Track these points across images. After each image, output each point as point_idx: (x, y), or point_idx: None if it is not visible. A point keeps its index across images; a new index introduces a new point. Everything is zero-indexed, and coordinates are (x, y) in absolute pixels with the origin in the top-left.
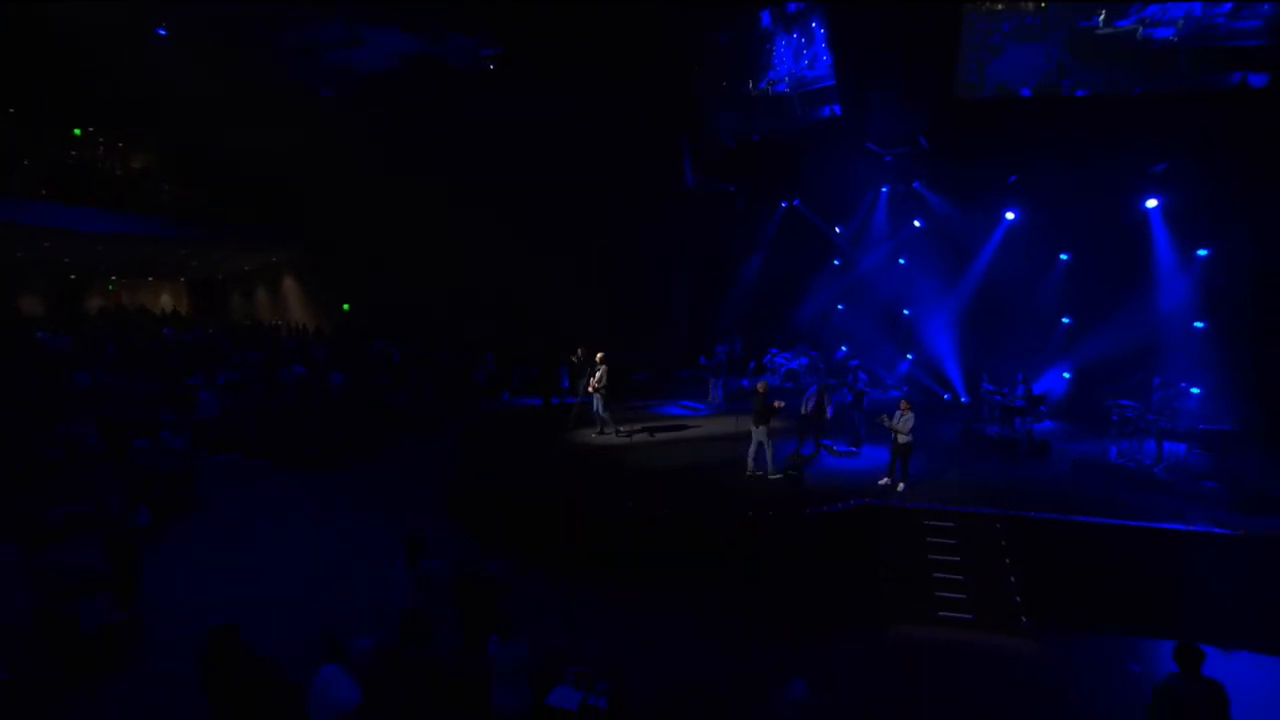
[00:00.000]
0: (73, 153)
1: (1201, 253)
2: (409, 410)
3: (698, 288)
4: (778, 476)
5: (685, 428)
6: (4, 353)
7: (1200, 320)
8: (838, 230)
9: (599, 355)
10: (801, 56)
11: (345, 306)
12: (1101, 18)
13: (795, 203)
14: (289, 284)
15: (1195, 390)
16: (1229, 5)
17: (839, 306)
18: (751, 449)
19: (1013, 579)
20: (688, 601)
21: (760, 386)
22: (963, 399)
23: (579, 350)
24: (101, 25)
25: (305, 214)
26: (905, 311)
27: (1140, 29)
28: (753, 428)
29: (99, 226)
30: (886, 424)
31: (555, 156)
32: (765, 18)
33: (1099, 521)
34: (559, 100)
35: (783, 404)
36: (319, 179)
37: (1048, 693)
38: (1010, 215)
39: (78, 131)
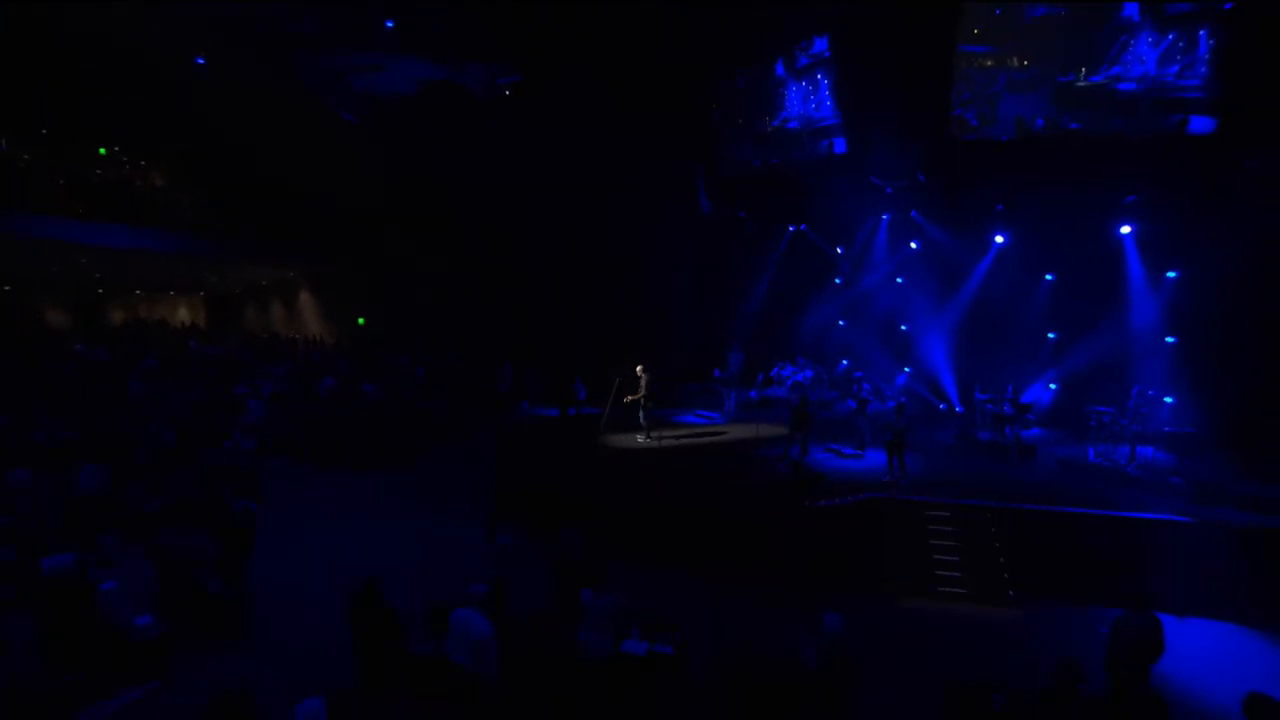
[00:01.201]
0: (98, 171)
1: (1170, 274)
2: (438, 419)
3: (705, 304)
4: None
5: (710, 434)
6: (49, 363)
7: (1171, 335)
8: (840, 251)
9: (640, 367)
10: (810, 100)
11: (360, 320)
12: (1079, 74)
13: (802, 227)
14: (304, 298)
15: (1169, 399)
16: (1175, 68)
17: (840, 322)
18: (798, 449)
19: (1001, 560)
20: (728, 578)
21: (799, 399)
22: (958, 408)
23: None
24: (133, 51)
25: (322, 228)
26: (903, 327)
27: (1109, 83)
28: (794, 432)
29: (132, 242)
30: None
31: (568, 174)
32: (779, 68)
33: (1076, 511)
34: (575, 122)
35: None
36: (335, 194)
37: (1030, 650)
38: (1000, 239)
39: (103, 151)
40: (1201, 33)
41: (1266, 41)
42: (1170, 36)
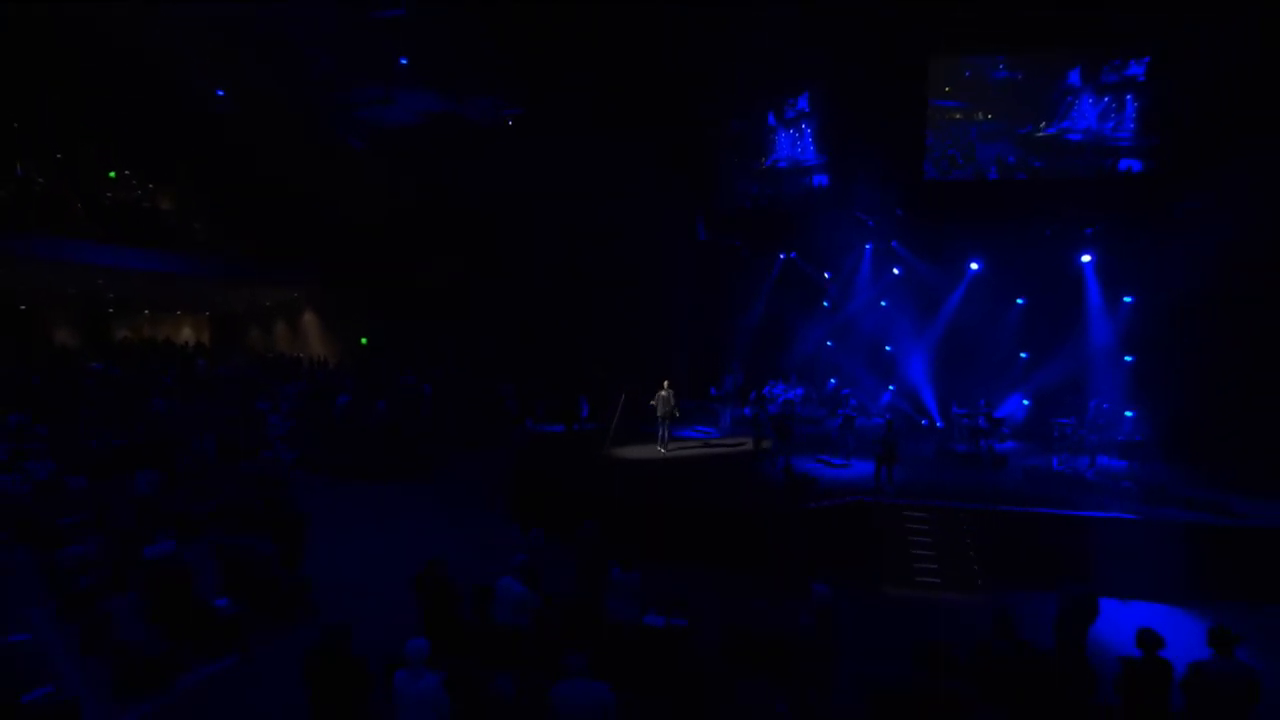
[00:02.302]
0: (108, 194)
1: (1127, 299)
2: (449, 434)
3: (703, 326)
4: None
5: (709, 446)
6: (73, 379)
7: (1129, 354)
8: (828, 277)
9: (665, 383)
10: (797, 146)
11: (363, 340)
12: (1036, 127)
13: (792, 255)
14: (308, 317)
15: (1129, 413)
16: (1111, 123)
17: (829, 344)
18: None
19: (971, 553)
20: (730, 572)
21: (787, 415)
22: (938, 424)
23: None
24: (146, 76)
25: (327, 248)
26: (887, 348)
27: (1061, 134)
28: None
29: (148, 264)
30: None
31: (572, 200)
32: (770, 118)
33: (1037, 511)
34: (581, 151)
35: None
36: (340, 214)
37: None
38: (975, 266)
39: (113, 174)
40: (1128, 97)
41: (1174, 105)
42: (1106, 99)
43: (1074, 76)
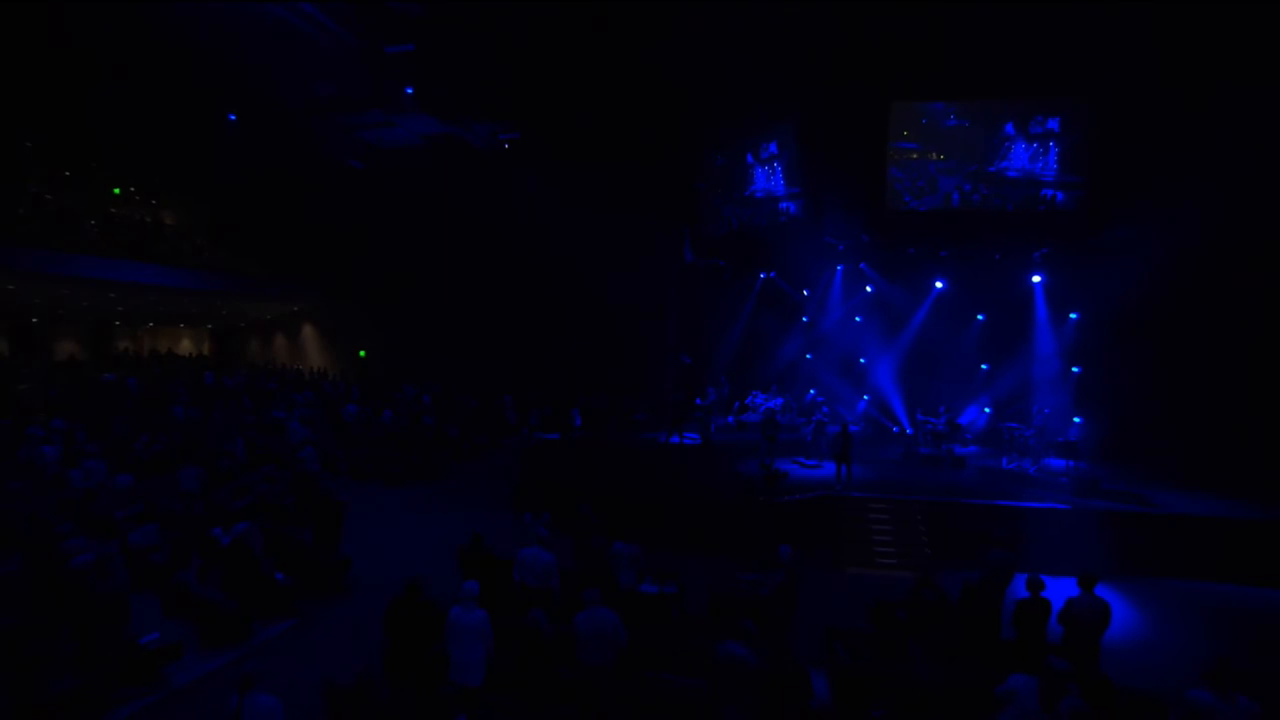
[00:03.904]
0: (112, 209)
1: (1073, 316)
2: (456, 442)
3: (690, 340)
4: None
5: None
6: (90, 390)
7: (1076, 365)
8: (806, 294)
9: (671, 392)
10: (771, 180)
11: (361, 353)
12: (980, 166)
13: (772, 275)
14: (308, 331)
15: (1077, 419)
16: (1040, 164)
17: (807, 356)
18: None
19: (924, 538)
20: (713, 554)
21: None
22: (908, 430)
23: None
24: (154, 99)
25: (329, 264)
26: (861, 360)
27: (1001, 172)
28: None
29: (160, 280)
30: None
31: (568, 220)
32: (749, 158)
33: (981, 502)
34: (576, 175)
35: None
36: (342, 231)
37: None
38: (939, 285)
39: (117, 190)
40: (1051, 144)
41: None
42: (1035, 145)
43: (1009, 127)
